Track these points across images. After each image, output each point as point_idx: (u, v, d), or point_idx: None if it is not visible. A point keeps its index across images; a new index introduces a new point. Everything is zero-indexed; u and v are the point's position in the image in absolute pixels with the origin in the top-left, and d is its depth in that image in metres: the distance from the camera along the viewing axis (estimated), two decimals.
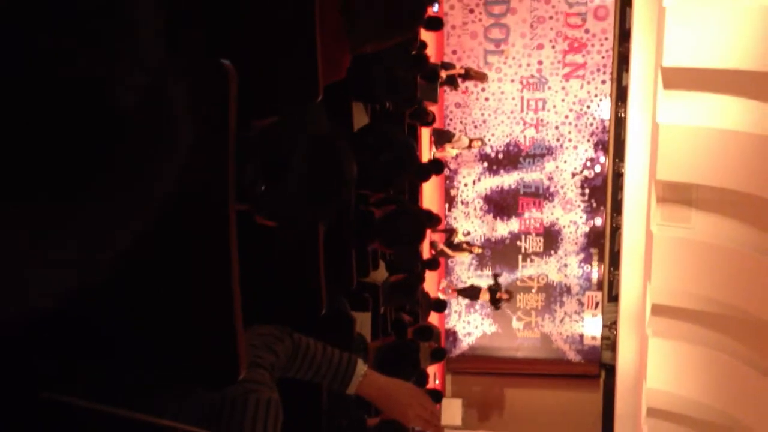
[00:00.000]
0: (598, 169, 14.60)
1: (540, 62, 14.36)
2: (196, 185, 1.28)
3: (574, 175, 14.71)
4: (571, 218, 14.90)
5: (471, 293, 14.04)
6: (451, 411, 14.69)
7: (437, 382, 13.95)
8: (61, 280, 0.53)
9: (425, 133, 12.20)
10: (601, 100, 14.31)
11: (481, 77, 13.08)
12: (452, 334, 15.65)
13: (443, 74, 12.33)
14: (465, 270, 15.16)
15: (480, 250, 14.16)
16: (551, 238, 15.05)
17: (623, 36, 13.52)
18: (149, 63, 0.52)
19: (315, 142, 1.67)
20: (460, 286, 14.64)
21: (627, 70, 12.83)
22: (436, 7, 13.18)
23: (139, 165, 0.52)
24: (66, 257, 0.52)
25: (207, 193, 1.33)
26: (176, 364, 1.45)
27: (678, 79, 9.60)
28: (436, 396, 10.28)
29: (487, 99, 14.55)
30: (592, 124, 14.46)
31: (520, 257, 15.19)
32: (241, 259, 1.47)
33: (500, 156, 14.84)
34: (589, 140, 14.53)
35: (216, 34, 1.91)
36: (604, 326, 15.03)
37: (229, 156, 1.31)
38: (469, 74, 12.85)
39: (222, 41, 1.89)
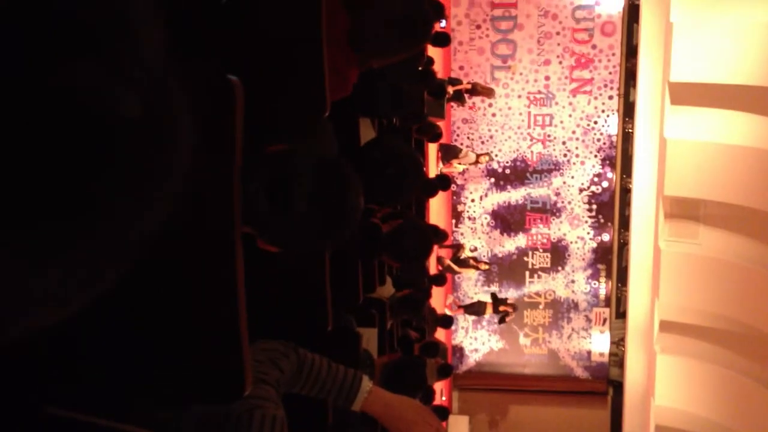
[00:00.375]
0: (605, 184, 14.58)
1: (547, 78, 14.38)
2: (202, 201, 1.28)
3: (581, 190, 14.69)
4: (579, 234, 14.86)
5: (476, 309, 13.99)
6: (458, 428, 14.61)
7: (444, 398, 13.88)
8: (64, 297, 0.53)
9: (432, 149, 12.21)
10: (608, 115, 14.30)
11: (488, 92, 13.09)
12: (459, 350, 15.60)
13: (450, 90, 12.36)
14: (472, 286, 15.12)
15: (487, 266, 14.13)
16: (558, 253, 15.01)
17: (630, 51, 13.52)
18: (153, 77, 0.52)
19: (322, 169, 1.67)
20: (466, 302, 14.60)
21: (634, 86, 12.83)
22: (443, 23, 13.22)
23: (141, 181, 0.52)
24: (71, 275, 0.51)
25: (213, 208, 1.33)
26: (181, 379, 1.45)
27: (686, 94, 9.60)
28: (443, 413, 10.23)
29: (494, 114, 14.57)
30: (599, 140, 14.45)
31: (527, 273, 15.15)
32: (247, 273, 1.47)
33: (507, 171, 14.83)
34: (596, 156, 14.52)
35: (223, 51, 1.92)
36: (611, 343, 14.94)
37: (235, 172, 1.31)
38: (475, 89, 12.87)
39: (229, 58, 1.90)
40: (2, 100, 0.43)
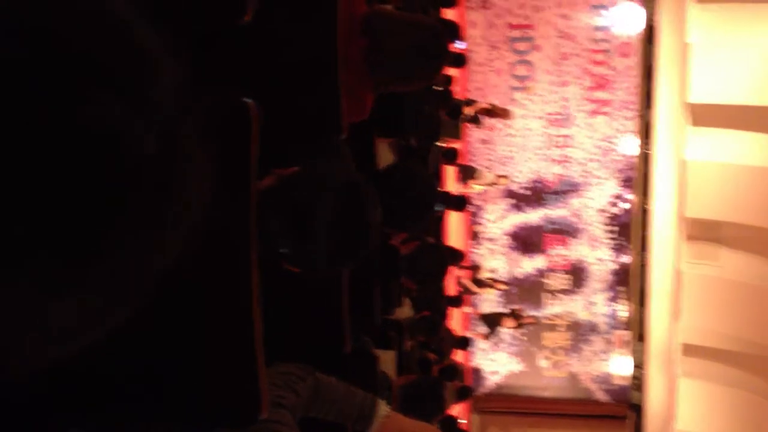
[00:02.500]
0: (625, 205, 14.49)
1: (565, 99, 14.35)
2: (218, 228, 1.27)
3: (600, 212, 14.60)
4: (598, 255, 14.76)
5: (492, 319, 13.83)
6: None
7: (463, 421, 13.78)
8: (82, 328, 0.53)
9: (450, 170, 12.21)
10: (627, 136, 14.24)
11: (505, 114, 13.07)
12: (477, 373, 15.48)
13: (467, 111, 12.39)
14: (490, 307, 15.04)
15: (505, 287, 14.05)
16: (578, 275, 14.90)
17: (649, 73, 13.50)
18: (169, 114, 0.52)
19: (339, 191, 1.66)
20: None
21: (652, 107, 12.80)
22: (462, 44, 13.26)
23: (156, 212, 0.52)
24: (84, 308, 0.51)
25: (229, 234, 1.32)
26: (198, 403, 1.44)
27: (705, 115, 9.57)
28: None
29: (513, 135, 14.54)
30: (618, 161, 14.39)
31: (546, 294, 15.05)
32: (264, 296, 1.46)
33: (526, 192, 14.78)
34: (615, 177, 14.45)
35: (240, 73, 1.92)
36: (633, 366, 14.79)
37: (251, 196, 1.31)
38: (492, 112, 12.87)
39: (245, 80, 1.90)
40: (21, 140, 0.43)
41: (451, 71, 11.23)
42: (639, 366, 14.45)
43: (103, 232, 0.47)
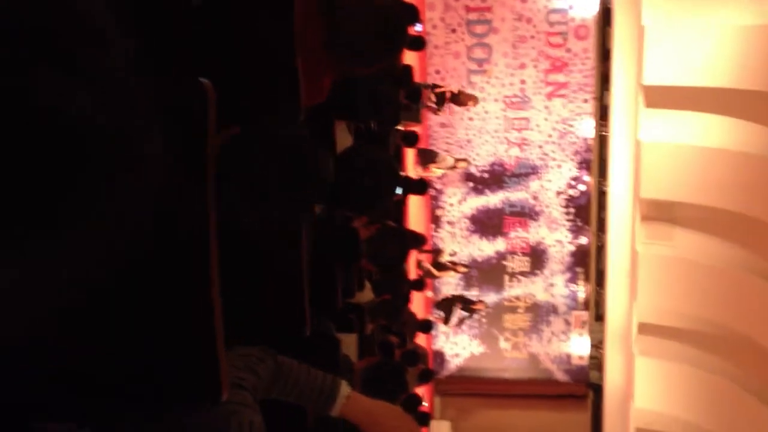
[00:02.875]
0: (582, 187, 14.67)
1: (523, 81, 14.45)
2: (175, 209, 1.26)
3: (558, 194, 14.77)
4: (557, 237, 14.93)
5: (446, 305, 13.95)
6: None
7: (425, 404, 13.87)
8: (39, 307, 0.52)
9: (410, 153, 12.22)
10: (584, 119, 14.40)
11: (473, 100, 13.10)
12: (440, 356, 15.60)
13: (430, 94, 12.42)
14: (452, 290, 15.14)
15: (466, 270, 14.15)
16: (537, 257, 15.07)
17: (605, 55, 13.65)
18: (120, 86, 0.51)
19: (284, 145, 1.65)
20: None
21: (608, 89, 12.94)
22: (419, 27, 13.25)
23: (111, 188, 0.51)
24: (44, 282, 0.51)
25: (186, 216, 1.31)
26: (157, 385, 1.43)
27: (659, 97, 9.70)
28: (424, 418, 10.22)
29: (471, 119, 14.61)
30: (575, 143, 14.54)
31: (506, 277, 15.20)
32: (223, 279, 1.46)
33: (485, 176, 14.88)
34: (572, 159, 14.61)
35: (196, 55, 1.90)
36: (591, 346, 15.03)
37: (208, 178, 1.30)
38: (459, 98, 12.90)
39: (202, 62, 1.88)
40: None
41: (410, 54, 11.22)
42: (597, 346, 14.70)
43: (51, 203, 0.47)
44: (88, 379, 1.32)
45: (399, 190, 6.35)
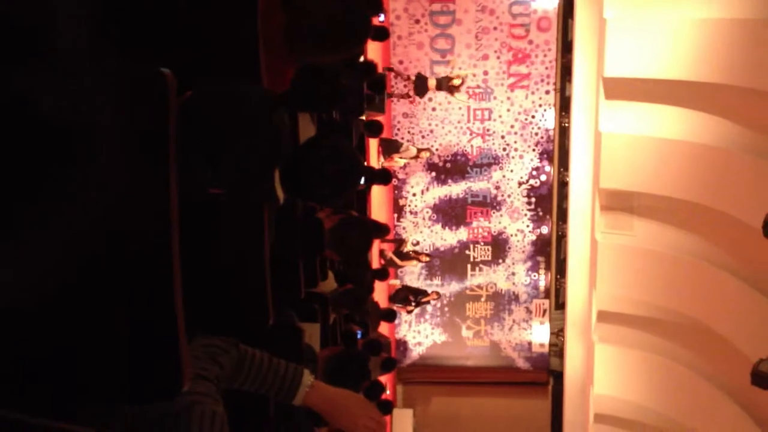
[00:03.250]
0: (543, 178, 14.82)
1: (486, 72, 14.52)
2: (136, 195, 1.26)
3: (520, 184, 14.90)
4: (519, 227, 15.07)
5: (401, 297, 14.05)
6: (402, 421, 14.69)
7: (388, 392, 13.94)
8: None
9: (373, 143, 12.23)
10: (545, 110, 14.53)
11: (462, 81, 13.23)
12: (402, 344, 15.68)
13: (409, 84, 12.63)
14: (414, 279, 15.21)
15: (428, 259, 14.24)
16: (499, 246, 15.20)
17: (566, 47, 13.76)
18: (75, 77, 0.52)
19: (244, 107, 1.64)
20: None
21: (570, 81, 13.06)
22: (382, 17, 13.24)
23: (72, 177, 0.52)
24: (6, 266, 0.51)
25: (146, 202, 1.31)
26: (118, 376, 1.43)
27: (619, 89, 9.81)
28: (387, 406, 10.26)
29: (434, 109, 14.66)
30: (537, 134, 14.67)
31: (468, 266, 15.31)
32: (186, 268, 1.45)
33: (448, 165, 14.95)
34: (534, 149, 14.74)
35: (159, 47, 1.89)
36: (551, 333, 15.21)
37: (170, 164, 1.30)
38: (445, 83, 13.04)
39: (165, 54, 1.87)
40: None
41: (373, 44, 11.22)
42: (558, 333, 14.88)
43: (13, 190, 0.48)
44: (47, 371, 1.32)
45: (362, 180, 6.36)
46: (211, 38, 2.07)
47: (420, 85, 13.04)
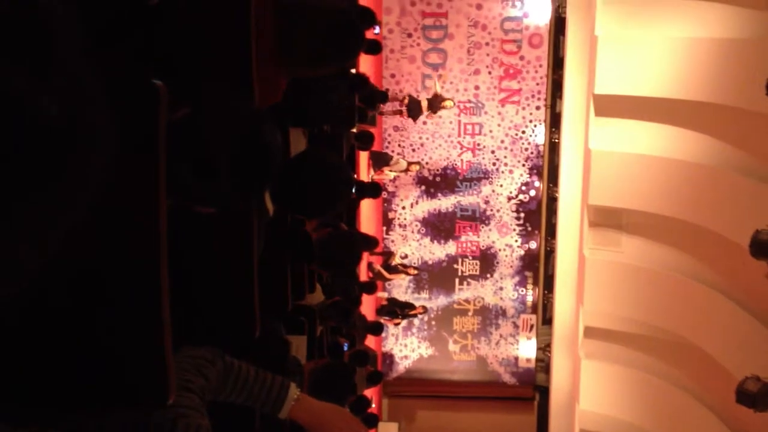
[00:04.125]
0: (533, 193, 14.86)
1: (477, 87, 14.58)
2: (126, 208, 1.26)
3: (509, 199, 14.93)
4: (507, 242, 15.10)
5: (388, 310, 14.03)
6: None
7: (373, 405, 13.90)
8: None
9: (363, 156, 12.24)
10: (535, 125, 14.59)
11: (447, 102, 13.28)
12: (389, 357, 15.64)
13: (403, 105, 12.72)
14: (402, 293, 15.20)
15: (416, 272, 14.23)
16: (487, 261, 15.21)
17: (557, 63, 13.85)
18: (74, 82, 0.52)
19: (234, 123, 1.65)
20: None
21: (561, 97, 13.14)
22: (377, 29, 13.29)
23: (58, 182, 0.52)
24: None
25: (137, 211, 1.31)
26: (103, 386, 1.42)
27: (609, 106, 9.87)
28: (372, 420, 10.23)
29: (425, 123, 14.69)
30: (527, 149, 14.73)
31: (456, 280, 15.31)
32: (173, 279, 1.45)
33: (438, 179, 14.98)
34: (524, 165, 14.79)
35: (152, 56, 1.89)
36: (538, 349, 15.22)
37: (160, 176, 1.30)
38: (434, 104, 13.09)
39: (156, 62, 1.87)
40: None
41: (365, 58, 11.24)
42: (545, 349, 14.89)
43: (6, 193, 0.48)
44: (30, 380, 1.31)
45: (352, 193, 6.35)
46: (204, 48, 2.07)
47: (414, 108, 13.08)
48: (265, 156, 1.68)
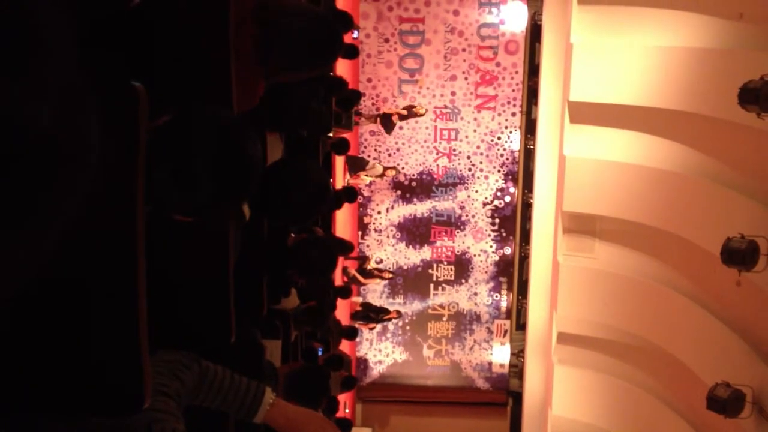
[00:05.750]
0: (508, 199, 14.94)
1: (453, 93, 14.65)
2: (104, 208, 1.25)
3: (485, 204, 15.00)
4: (482, 247, 15.16)
5: (362, 314, 14.04)
6: None
7: (347, 410, 13.87)
8: None
9: (339, 160, 12.23)
10: (511, 132, 14.68)
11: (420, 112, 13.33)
12: (363, 362, 15.63)
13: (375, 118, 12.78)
14: (377, 298, 15.20)
15: (391, 275, 14.23)
16: (462, 266, 15.26)
17: (533, 70, 13.95)
18: (64, 91, 0.52)
19: (215, 134, 1.64)
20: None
21: (536, 104, 13.22)
22: (356, 34, 13.31)
23: (45, 187, 0.52)
24: None
25: (115, 213, 1.30)
26: (77, 390, 1.41)
27: (584, 113, 9.94)
28: (346, 425, 10.21)
29: (401, 128, 14.72)
30: (502, 155, 14.81)
31: (431, 285, 15.34)
32: (149, 283, 1.44)
33: (413, 184, 15.01)
34: (499, 171, 14.87)
35: (131, 58, 1.88)
36: (512, 354, 15.29)
37: (138, 180, 1.29)
38: (410, 113, 13.14)
39: (136, 65, 1.86)
40: None
41: (342, 62, 11.25)
42: (518, 354, 14.96)
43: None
44: (6, 387, 1.29)
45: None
46: (183, 50, 2.07)
47: (387, 124, 13.14)
48: (245, 169, 1.68)
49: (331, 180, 9.40)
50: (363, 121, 13.63)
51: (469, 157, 14.85)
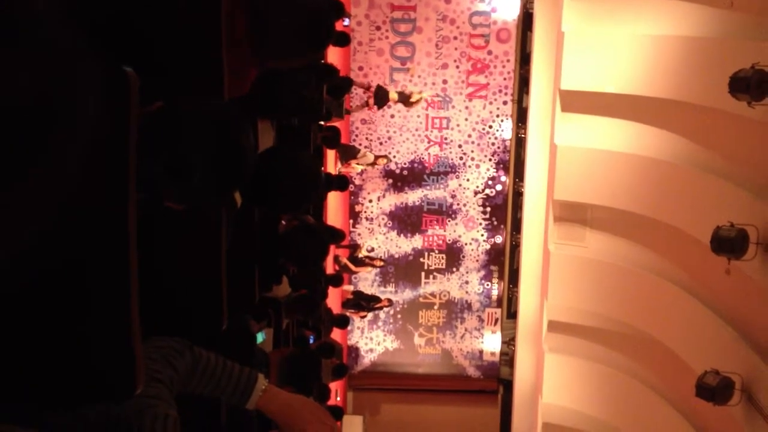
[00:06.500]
0: (499, 187, 14.95)
1: (445, 81, 14.63)
2: (95, 191, 1.25)
3: (476, 193, 15.01)
4: (473, 236, 15.18)
5: (354, 302, 14.07)
6: (352, 428, 14.67)
7: (338, 398, 13.91)
8: None
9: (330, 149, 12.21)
10: (502, 120, 14.67)
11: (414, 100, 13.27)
12: (354, 351, 15.66)
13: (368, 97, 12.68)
14: (368, 286, 15.22)
15: (382, 263, 14.25)
16: (453, 255, 15.28)
17: (524, 59, 13.94)
18: (55, 62, 0.52)
19: (209, 120, 1.64)
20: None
21: (527, 92, 13.22)
22: (347, 21, 13.26)
23: (21, 173, 0.52)
24: None
25: (106, 199, 1.30)
26: (70, 377, 1.41)
27: (575, 102, 9.95)
28: (338, 413, 10.25)
29: (392, 116, 14.70)
30: (494, 144, 14.81)
31: (423, 274, 15.36)
32: (141, 269, 1.44)
33: (405, 173, 15.00)
34: (491, 159, 14.87)
35: (123, 44, 1.87)
36: (502, 342, 15.34)
37: (129, 165, 1.29)
38: (406, 99, 13.08)
39: (128, 51, 1.86)
40: None
41: (333, 50, 11.21)
42: (509, 342, 15.01)
43: None
44: None
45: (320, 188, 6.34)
46: (175, 37, 2.06)
47: (381, 97, 13.07)
48: (239, 158, 1.67)
49: (323, 171, 9.39)
50: (356, 107, 13.60)
51: (460, 146, 14.85)
